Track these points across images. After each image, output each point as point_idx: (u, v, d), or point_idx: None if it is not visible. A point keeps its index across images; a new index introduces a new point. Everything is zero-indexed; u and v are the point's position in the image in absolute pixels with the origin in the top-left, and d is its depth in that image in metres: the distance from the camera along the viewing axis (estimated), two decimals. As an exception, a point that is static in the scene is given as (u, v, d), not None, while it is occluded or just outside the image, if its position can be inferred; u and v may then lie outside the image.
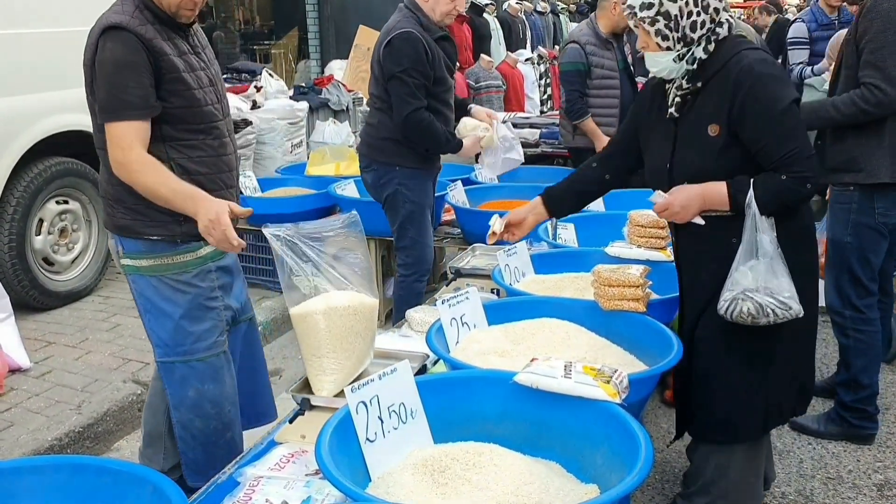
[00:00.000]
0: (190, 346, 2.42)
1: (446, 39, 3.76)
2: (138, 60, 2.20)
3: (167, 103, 2.27)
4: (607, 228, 3.36)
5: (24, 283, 4.47)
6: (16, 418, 3.42)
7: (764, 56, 2.28)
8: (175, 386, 2.46)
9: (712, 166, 2.29)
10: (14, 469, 1.53)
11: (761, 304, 2.20)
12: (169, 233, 2.35)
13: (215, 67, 2.48)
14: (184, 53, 2.33)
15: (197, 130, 2.35)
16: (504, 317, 2.47)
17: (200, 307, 2.43)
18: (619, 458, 1.64)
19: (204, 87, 2.37)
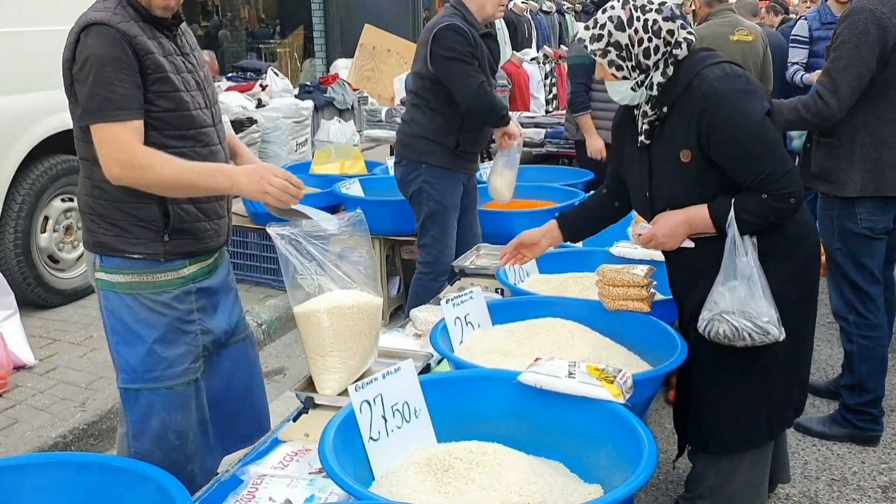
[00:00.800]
0: (161, 373, 2.21)
1: (490, 37, 3.77)
2: (122, 57, 2.01)
3: (153, 106, 2.08)
4: (612, 228, 3.34)
5: (30, 280, 4.48)
6: (20, 415, 3.43)
7: (727, 71, 2.18)
8: (138, 414, 2.24)
9: (691, 193, 2.24)
10: (18, 466, 1.53)
11: (737, 326, 2.15)
12: (152, 251, 2.16)
13: (204, 71, 2.29)
14: (169, 54, 2.14)
15: (185, 137, 2.15)
16: (508, 316, 2.47)
17: (176, 330, 2.22)
18: (622, 458, 1.64)
19: (191, 90, 2.18)
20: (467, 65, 3.58)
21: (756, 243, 2.19)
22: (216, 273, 2.34)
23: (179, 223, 2.17)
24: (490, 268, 3.20)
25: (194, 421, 2.29)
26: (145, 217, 2.14)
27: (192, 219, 2.19)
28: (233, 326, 2.42)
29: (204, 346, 2.30)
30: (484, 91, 3.61)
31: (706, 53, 2.26)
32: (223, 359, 2.41)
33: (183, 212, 2.16)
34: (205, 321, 2.29)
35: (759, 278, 2.16)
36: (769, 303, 2.16)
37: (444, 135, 3.73)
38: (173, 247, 2.18)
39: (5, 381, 3.63)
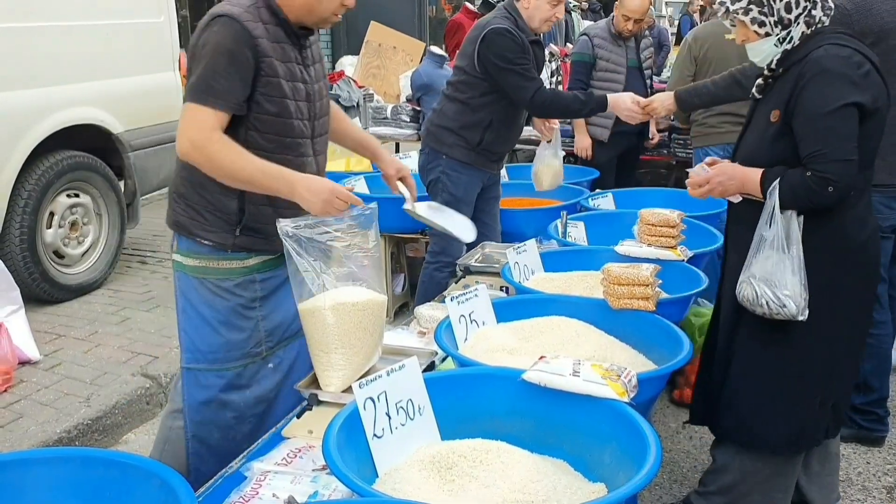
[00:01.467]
0: (223, 355, 2.35)
1: (537, 44, 3.77)
2: (238, 53, 2.12)
3: (258, 106, 2.19)
4: (617, 227, 3.35)
5: (35, 275, 4.50)
6: (25, 410, 3.44)
7: (843, 53, 2.21)
8: (197, 394, 2.37)
9: (764, 152, 2.31)
10: (22, 461, 1.53)
11: (758, 292, 2.23)
12: (221, 241, 2.29)
13: (320, 85, 2.38)
14: (289, 61, 2.24)
15: (281, 144, 2.25)
16: (513, 314, 2.47)
17: (238, 316, 2.35)
18: (627, 457, 1.63)
19: (299, 99, 2.27)
20: (519, 75, 3.59)
21: (802, 223, 2.22)
22: (282, 268, 2.34)
23: (252, 221, 2.28)
24: (495, 266, 3.19)
25: (252, 402, 2.40)
26: (222, 208, 2.27)
27: (267, 220, 2.24)
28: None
29: (266, 331, 2.40)
30: (539, 99, 3.60)
31: (840, 34, 2.28)
32: (288, 351, 2.48)
33: (259, 212, 2.27)
34: (266, 308, 2.39)
35: (794, 253, 2.19)
36: (797, 279, 2.19)
37: (469, 130, 3.77)
38: (242, 242, 2.29)
39: (10, 376, 3.64)
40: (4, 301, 3.93)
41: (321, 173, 2.39)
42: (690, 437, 3.45)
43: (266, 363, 2.43)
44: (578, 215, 3.67)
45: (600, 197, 4.18)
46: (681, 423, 3.57)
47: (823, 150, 2.17)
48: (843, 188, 2.19)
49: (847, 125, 2.18)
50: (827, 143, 2.17)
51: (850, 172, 2.18)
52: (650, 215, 3.01)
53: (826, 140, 2.17)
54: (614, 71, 5.11)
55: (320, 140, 2.42)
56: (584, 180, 4.82)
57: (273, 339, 2.43)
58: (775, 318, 2.24)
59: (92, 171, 4.84)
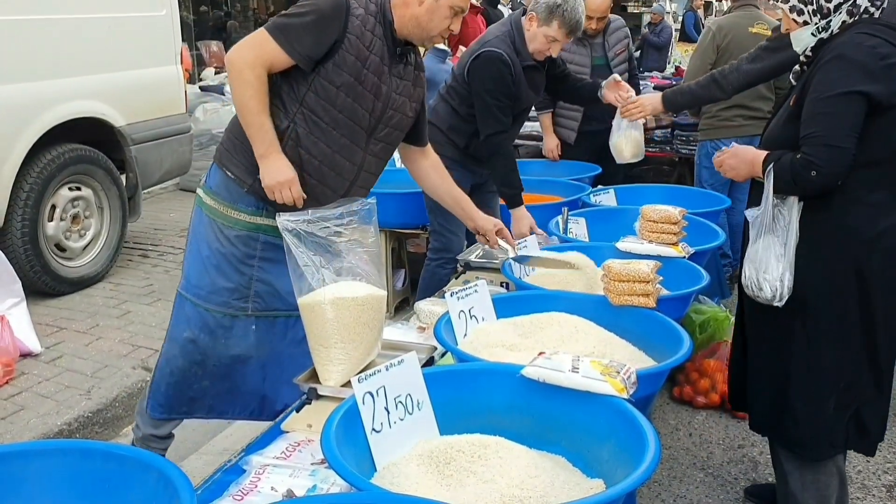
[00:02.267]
0: (205, 294, 2.46)
1: (535, 70, 3.70)
2: (329, 16, 2.27)
3: (326, 73, 2.31)
4: (618, 223, 3.34)
5: (37, 268, 4.50)
6: (26, 402, 3.45)
7: (868, 42, 2.16)
8: (178, 318, 2.51)
9: (776, 134, 2.32)
10: (21, 453, 1.53)
11: (746, 272, 2.26)
12: (242, 177, 2.41)
13: (398, 99, 2.46)
14: (375, 53, 2.35)
15: (333, 118, 2.36)
16: (513, 310, 2.46)
17: (230, 265, 2.44)
18: (625, 453, 1.63)
19: (368, 90, 2.36)
20: (489, 109, 3.59)
21: (801, 208, 2.22)
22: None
23: None
24: (495, 261, 3.19)
25: (220, 353, 2.48)
26: (252, 152, 2.35)
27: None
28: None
29: (257, 292, 2.46)
30: (494, 142, 3.62)
31: (881, 25, 2.22)
32: (293, 326, 2.50)
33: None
34: (266, 271, 2.46)
35: (784, 239, 2.19)
36: (780, 265, 2.18)
37: (456, 133, 3.79)
38: (258, 188, 2.38)
39: (12, 368, 3.65)
40: (6, 293, 3.94)
41: (366, 172, 2.49)
42: (690, 433, 3.45)
43: (249, 323, 2.48)
44: (580, 211, 3.67)
45: (602, 193, 4.17)
46: (680, 420, 3.57)
47: (816, 133, 2.15)
48: (828, 175, 2.15)
49: (847, 112, 2.14)
50: (821, 126, 2.15)
51: (838, 160, 2.14)
52: (652, 212, 3.01)
53: (821, 123, 2.15)
54: (577, 73, 5.07)
55: (379, 145, 2.49)
56: (586, 176, 4.82)
57: (262, 303, 2.48)
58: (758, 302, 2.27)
59: (93, 165, 4.84)
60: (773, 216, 2.22)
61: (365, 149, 2.45)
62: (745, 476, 3.12)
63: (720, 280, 3.96)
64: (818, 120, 2.16)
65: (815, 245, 2.24)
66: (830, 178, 2.17)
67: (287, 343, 2.54)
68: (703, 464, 3.22)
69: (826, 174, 2.15)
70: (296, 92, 2.35)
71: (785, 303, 2.25)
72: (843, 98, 2.14)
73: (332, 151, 2.40)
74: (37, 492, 1.49)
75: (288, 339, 2.53)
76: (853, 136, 2.14)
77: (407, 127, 2.59)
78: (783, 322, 2.33)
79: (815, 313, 2.28)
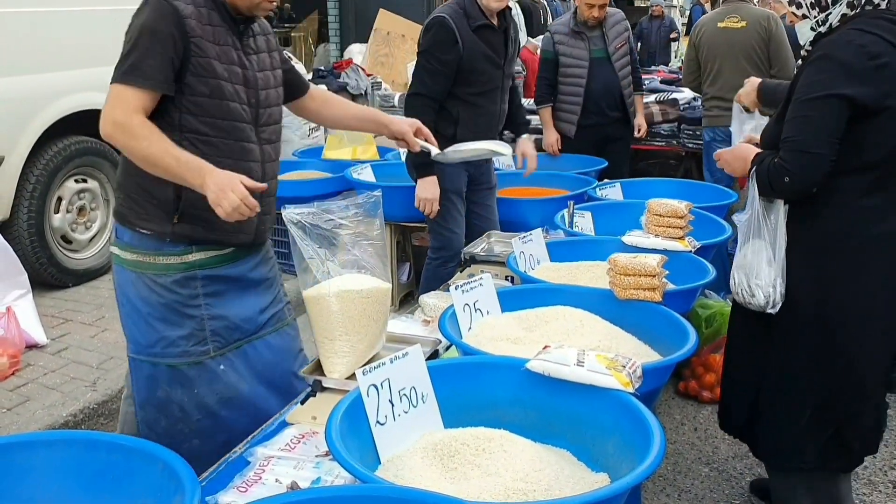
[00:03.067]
0: (160, 350, 2.27)
1: (489, 28, 3.69)
2: (164, 31, 2.09)
3: (190, 88, 2.15)
4: (625, 217, 3.33)
5: (43, 260, 4.51)
6: (32, 393, 3.46)
7: (859, 39, 2.08)
8: (142, 384, 2.33)
9: (767, 133, 2.29)
10: (27, 443, 1.54)
11: (735, 279, 2.22)
12: (160, 229, 2.22)
13: (264, 75, 2.32)
14: (224, 44, 2.20)
15: (218, 126, 2.20)
16: (518, 304, 2.46)
17: (176, 313, 2.26)
18: (630, 447, 1.63)
19: (235, 82, 2.21)
20: (421, 67, 3.67)
21: (787, 212, 2.19)
22: (237, 264, 2.33)
23: (190, 208, 2.19)
24: (500, 255, 3.19)
25: (203, 402, 2.30)
26: (158, 195, 2.20)
27: (207, 208, 2.12)
28: (264, 318, 2.42)
29: (213, 330, 2.30)
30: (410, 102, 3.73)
31: (883, 19, 2.13)
32: (260, 349, 2.42)
33: (197, 198, 2.13)
34: (214, 307, 2.30)
35: (773, 243, 2.14)
36: (772, 270, 2.14)
37: (443, 125, 3.73)
38: (181, 230, 2.22)
39: (18, 359, 3.66)
40: (12, 285, 3.95)
41: (269, 162, 2.35)
42: (695, 428, 3.45)
43: (217, 364, 2.33)
44: (585, 205, 3.66)
45: (608, 187, 4.16)
46: (685, 415, 3.56)
47: (792, 138, 2.11)
48: (801, 181, 2.10)
49: (824, 117, 2.07)
50: (797, 130, 2.10)
51: (812, 166, 2.08)
52: (658, 206, 3.00)
53: (797, 128, 2.10)
54: (575, 65, 5.09)
55: (267, 130, 2.34)
56: (592, 170, 4.81)
57: (221, 340, 2.32)
58: (750, 308, 2.23)
59: (99, 157, 4.85)
60: (761, 220, 2.18)
61: (258, 142, 2.31)
62: (749, 471, 3.12)
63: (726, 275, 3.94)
64: (795, 124, 2.11)
65: (800, 251, 2.19)
66: (804, 185, 2.12)
67: (264, 365, 2.42)
68: (708, 458, 3.21)
69: (799, 180, 2.10)
70: (170, 122, 2.15)
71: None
72: (822, 102, 2.07)
73: (233, 161, 2.21)
74: (42, 482, 1.49)
75: (264, 361, 2.42)
76: (830, 142, 2.07)
77: (281, 97, 2.44)
78: (763, 327, 2.28)
79: (798, 321, 2.22)
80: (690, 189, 4.18)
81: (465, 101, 3.70)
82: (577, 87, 5.11)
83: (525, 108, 4.53)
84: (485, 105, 3.77)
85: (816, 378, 2.24)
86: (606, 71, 5.10)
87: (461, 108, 3.71)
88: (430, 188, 3.70)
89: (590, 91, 5.08)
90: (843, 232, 2.18)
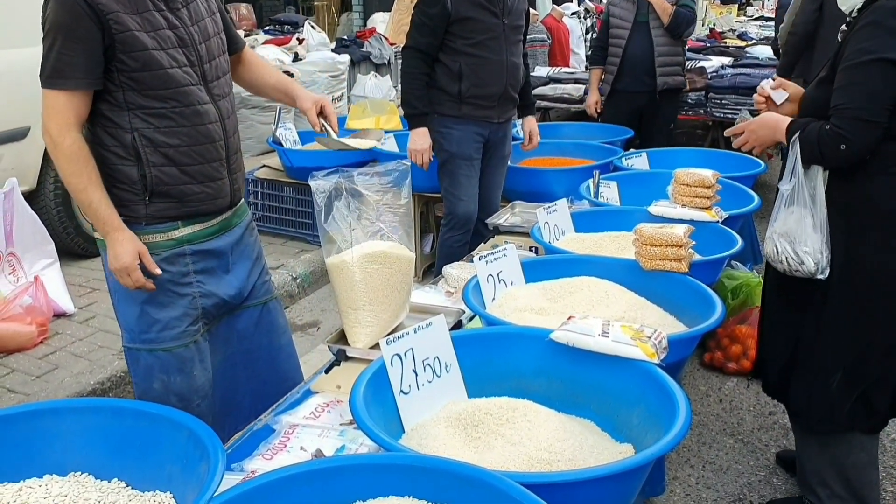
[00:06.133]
0: (156, 335, 2.19)
1: None
2: (75, 25, 1.95)
3: (124, 66, 2.02)
4: (651, 187, 3.29)
5: (69, 230, 4.55)
6: (60, 361, 3.51)
7: None
8: (140, 375, 2.25)
9: (808, 97, 2.24)
10: (55, 410, 1.56)
11: (778, 248, 2.19)
12: (134, 214, 2.12)
13: (200, 26, 2.17)
14: (145, 10, 2.04)
15: (163, 98, 2.07)
16: (542, 274, 2.44)
17: (168, 293, 2.17)
18: (655, 418, 1.62)
19: (168, 48, 2.06)
20: (414, 24, 3.69)
21: (827, 178, 2.15)
22: (224, 235, 2.26)
23: (159, 186, 2.11)
24: (524, 225, 3.17)
25: (199, 384, 2.26)
26: (124, 178, 2.11)
27: (175, 181, 2.12)
28: (247, 290, 2.35)
29: (204, 308, 2.24)
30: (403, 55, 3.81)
31: None
32: (239, 321, 2.36)
33: (162, 174, 2.11)
34: (205, 284, 2.23)
35: (817, 209, 2.12)
36: (818, 236, 2.12)
37: (447, 82, 3.72)
38: (156, 210, 2.13)
39: (46, 327, 3.71)
40: (40, 254, 3.99)
41: (228, 118, 2.24)
42: (720, 399, 3.43)
43: (205, 343, 2.28)
44: (611, 175, 3.62)
45: (634, 156, 4.11)
46: (710, 386, 3.54)
47: (846, 105, 2.07)
48: (857, 149, 2.08)
49: (877, 83, 2.05)
50: (850, 97, 2.07)
51: (867, 134, 2.07)
52: (685, 175, 2.95)
53: (851, 94, 2.07)
54: (620, 27, 5.17)
55: (218, 84, 2.22)
56: (618, 139, 4.75)
57: (209, 317, 2.27)
58: (795, 275, 2.21)
59: (124, 127, 4.87)
60: (803, 186, 2.16)
61: (212, 100, 2.18)
62: (775, 443, 3.10)
63: (753, 245, 3.89)
64: (849, 91, 2.08)
65: (836, 216, 2.17)
66: (860, 153, 2.10)
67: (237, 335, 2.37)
68: (734, 430, 3.19)
69: (856, 148, 2.08)
70: (116, 102, 2.06)
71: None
72: (873, 67, 2.05)
73: (191, 127, 2.13)
74: (70, 448, 1.51)
75: (236, 331, 2.37)
76: (885, 110, 2.06)
77: (225, 44, 2.29)
78: (802, 291, 2.27)
79: (834, 285, 2.21)
80: (718, 158, 4.12)
81: (466, 54, 3.66)
82: (617, 47, 5.17)
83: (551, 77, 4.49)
84: (487, 56, 3.69)
85: (849, 340, 2.24)
86: (642, 36, 5.07)
87: (463, 62, 3.66)
88: (420, 139, 3.73)
89: (627, 55, 5.11)
90: (879, 196, 2.17)
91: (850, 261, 2.19)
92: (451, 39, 3.64)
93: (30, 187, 4.34)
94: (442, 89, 3.72)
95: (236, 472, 1.66)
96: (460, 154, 3.80)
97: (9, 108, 4.15)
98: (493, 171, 3.98)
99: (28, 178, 4.32)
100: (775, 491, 2.80)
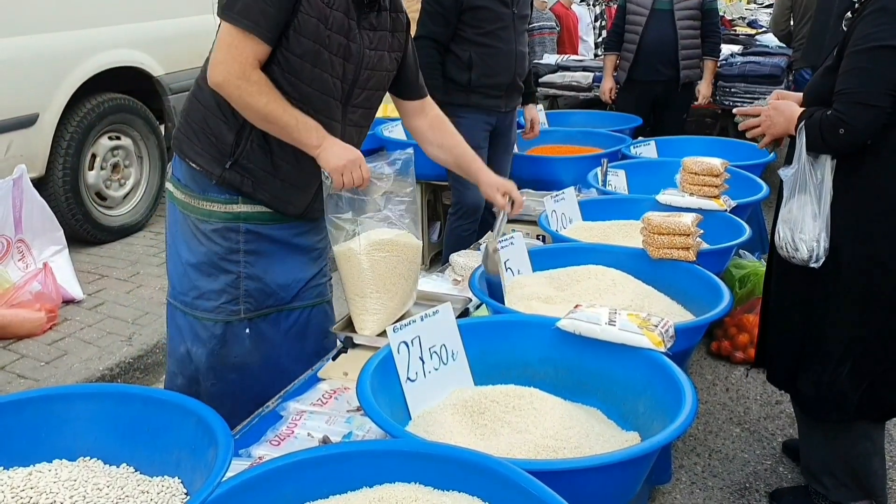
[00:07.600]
0: (191, 300, 2.20)
1: None
2: None
3: (287, 43, 1.98)
4: (659, 175, 3.29)
5: (78, 217, 4.57)
6: (69, 347, 3.53)
7: None
8: (173, 331, 2.27)
9: (814, 85, 2.23)
10: (64, 395, 1.56)
11: (780, 234, 2.19)
12: (209, 168, 2.11)
13: (375, 55, 2.13)
14: (341, 10, 2.02)
15: (302, 92, 2.03)
16: (549, 263, 2.44)
17: (214, 265, 2.16)
18: (661, 406, 1.62)
19: (335, 53, 2.03)
20: (424, 11, 3.64)
21: (834, 167, 2.15)
22: (285, 227, 2.22)
23: (245, 160, 2.11)
24: (532, 214, 3.16)
25: (216, 365, 2.22)
26: (219, 136, 2.10)
27: (259, 164, 2.11)
28: (298, 287, 2.28)
29: (247, 291, 2.19)
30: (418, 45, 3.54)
31: None
32: (286, 321, 2.30)
33: (253, 152, 2.10)
34: (253, 266, 2.19)
35: (819, 198, 2.12)
36: (817, 225, 2.12)
37: (455, 71, 3.70)
38: (229, 176, 2.11)
39: (55, 314, 3.73)
40: (48, 241, 4.01)
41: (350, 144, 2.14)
42: (727, 388, 3.42)
43: (241, 328, 2.23)
44: (619, 163, 3.61)
45: (642, 145, 4.10)
46: (717, 375, 3.54)
47: (848, 90, 2.07)
48: (857, 133, 2.07)
49: (881, 68, 2.04)
50: (855, 82, 2.06)
51: (869, 118, 2.06)
52: (693, 164, 2.94)
53: (855, 79, 2.06)
54: (637, 13, 5.11)
55: (358, 112, 2.19)
56: (627, 128, 4.74)
57: (253, 303, 2.22)
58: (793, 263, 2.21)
59: (133, 114, 4.87)
60: (807, 175, 2.15)
61: (342, 121, 2.14)
62: (781, 432, 3.10)
63: (762, 234, 3.88)
64: (853, 75, 2.07)
65: (847, 206, 2.16)
66: (859, 137, 2.09)
67: (282, 336, 2.30)
68: (740, 419, 3.19)
69: (855, 133, 2.07)
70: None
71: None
72: (878, 53, 2.04)
73: None
74: (79, 433, 1.52)
75: (282, 332, 2.30)
76: (887, 95, 2.05)
77: (388, 83, 2.27)
78: (809, 280, 2.26)
79: (842, 275, 2.20)
80: (726, 147, 4.11)
81: (476, 43, 3.65)
82: (633, 34, 5.11)
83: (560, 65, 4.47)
84: (497, 45, 3.69)
85: (858, 330, 2.24)
86: (663, 23, 5.01)
87: (473, 51, 3.65)
88: None
89: (644, 43, 5.05)
90: (889, 184, 2.16)
91: (859, 250, 2.18)
92: (462, 28, 3.63)
93: (38, 174, 4.36)
94: (451, 78, 3.70)
95: (244, 457, 1.67)
96: (469, 143, 3.78)
97: (17, 95, 4.16)
98: (500, 158, 3.97)
99: (37, 164, 4.34)
100: (781, 480, 2.80)
